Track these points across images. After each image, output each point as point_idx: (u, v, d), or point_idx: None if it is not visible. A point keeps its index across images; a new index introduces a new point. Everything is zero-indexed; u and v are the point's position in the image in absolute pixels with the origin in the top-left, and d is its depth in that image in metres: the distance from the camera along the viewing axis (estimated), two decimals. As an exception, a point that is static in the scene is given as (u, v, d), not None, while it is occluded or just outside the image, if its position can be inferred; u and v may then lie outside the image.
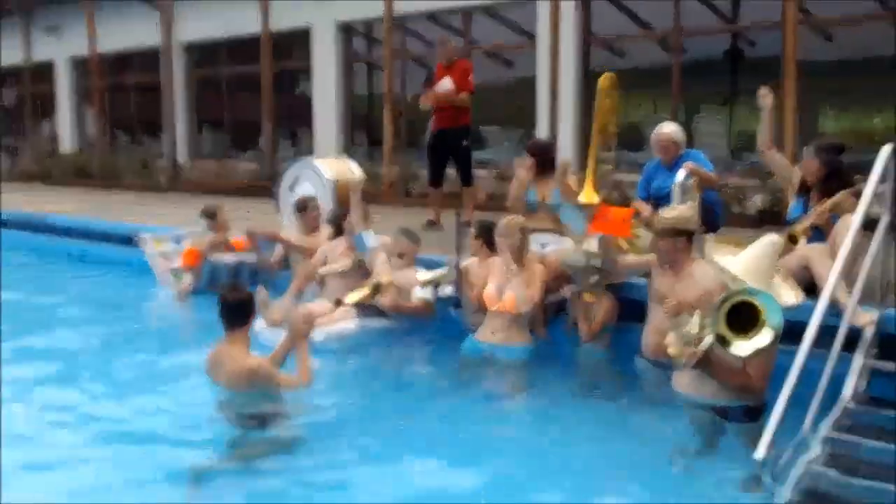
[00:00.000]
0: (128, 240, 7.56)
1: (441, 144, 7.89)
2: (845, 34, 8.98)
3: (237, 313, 4.14)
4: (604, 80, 4.59)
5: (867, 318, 4.01)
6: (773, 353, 3.66)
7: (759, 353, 3.53)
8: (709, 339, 3.66)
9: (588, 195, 4.32)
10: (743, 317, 3.54)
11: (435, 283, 5.38)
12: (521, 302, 4.93)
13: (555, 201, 5.64)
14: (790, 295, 4.12)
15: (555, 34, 8.92)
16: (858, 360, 3.93)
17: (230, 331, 4.14)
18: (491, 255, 5.29)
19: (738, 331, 3.53)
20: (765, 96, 4.98)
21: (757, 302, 3.52)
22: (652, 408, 4.27)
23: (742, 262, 4.10)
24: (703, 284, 4.24)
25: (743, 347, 3.50)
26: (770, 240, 4.15)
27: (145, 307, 6.86)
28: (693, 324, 3.84)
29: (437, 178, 8.08)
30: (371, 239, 5.90)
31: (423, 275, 5.43)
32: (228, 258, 6.84)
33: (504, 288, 5.03)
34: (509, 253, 5.04)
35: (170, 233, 7.38)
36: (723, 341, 3.54)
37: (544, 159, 5.78)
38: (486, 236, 5.31)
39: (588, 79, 10.51)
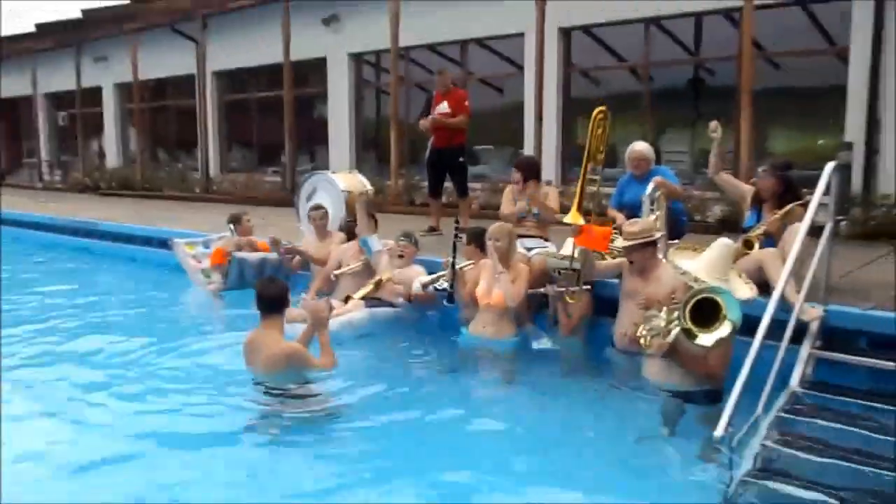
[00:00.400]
0: (165, 243, 7.56)
1: (438, 161, 7.88)
2: (794, 65, 9.01)
3: (274, 302, 4.13)
4: (598, 112, 4.55)
5: (814, 314, 4.02)
6: (732, 343, 3.66)
7: (720, 343, 3.52)
8: (675, 332, 3.66)
9: (574, 216, 4.28)
10: (705, 312, 3.53)
11: (433, 282, 5.38)
12: (508, 298, 4.93)
13: (535, 213, 5.69)
14: (745, 290, 4.12)
15: (540, 65, 8.92)
16: (805, 350, 3.94)
17: (267, 318, 4.12)
18: (482, 258, 5.29)
19: (701, 324, 3.53)
20: (714, 129, 4.99)
21: (718, 299, 3.51)
22: (624, 393, 4.25)
23: (702, 262, 4.09)
24: (668, 284, 4.27)
25: (706, 339, 3.50)
26: (724, 242, 4.15)
27: (181, 300, 6.82)
28: (661, 318, 3.83)
29: (435, 190, 8.09)
30: (375, 243, 5.93)
31: (424, 278, 5.44)
32: (254, 257, 6.83)
33: (493, 286, 5.03)
34: (498, 255, 5.05)
35: (199, 238, 7.35)
36: (689, 334, 3.53)
37: (529, 173, 5.81)
38: (477, 241, 5.32)
39: (569, 104, 10.56)
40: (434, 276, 5.42)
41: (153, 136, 17.62)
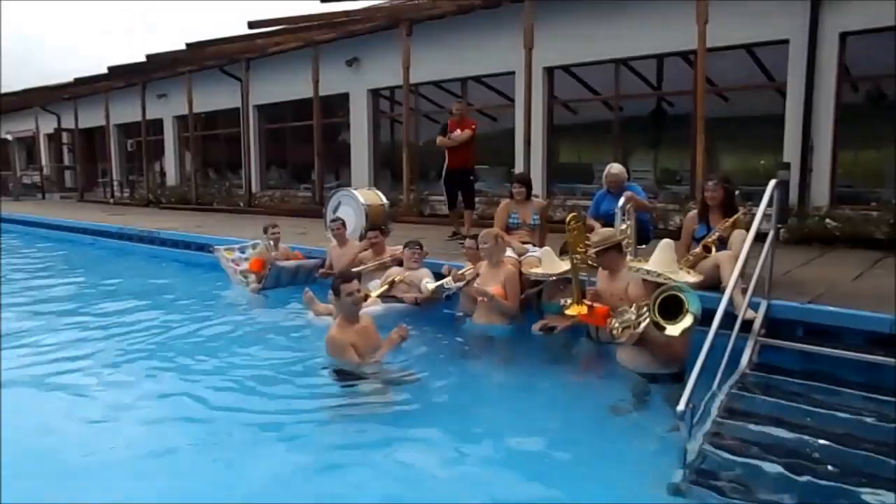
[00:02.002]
0: (209, 250, 7.57)
1: (452, 179, 7.90)
2: (740, 97, 8.97)
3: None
4: (570, 219, 4.51)
5: (752, 314, 4.01)
6: (692, 331, 3.64)
7: (683, 332, 3.49)
8: (645, 324, 3.63)
9: (575, 308, 4.25)
10: (670, 307, 3.50)
11: (441, 287, 5.32)
12: (510, 295, 4.89)
13: (534, 221, 5.69)
14: (690, 277, 4.10)
15: (528, 98, 8.89)
16: (751, 340, 3.92)
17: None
18: (480, 260, 5.28)
19: (666, 317, 3.49)
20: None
21: (681, 296, 3.48)
22: (598, 375, 4.25)
23: (653, 261, 4.08)
24: (630, 282, 4.23)
25: (673, 330, 3.46)
26: (667, 242, 4.13)
27: (224, 297, 6.82)
28: (631, 312, 3.81)
29: (452, 204, 8.07)
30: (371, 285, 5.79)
31: (431, 283, 5.39)
32: (290, 264, 6.84)
33: (487, 282, 5.01)
34: (484, 255, 5.05)
35: (237, 245, 7.35)
36: (658, 326, 3.50)
37: (528, 187, 5.88)
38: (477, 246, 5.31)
39: (552, 130, 10.53)
40: (439, 283, 5.36)
41: (205, 159, 17.63)
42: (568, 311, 4.26)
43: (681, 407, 2.75)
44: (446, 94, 11.76)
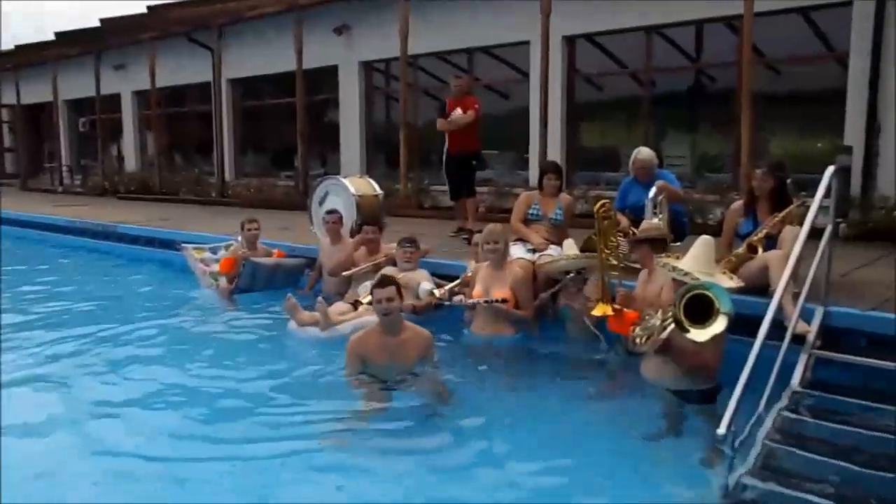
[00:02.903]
0: (177, 247, 7.61)
1: (454, 165, 7.84)
2: (793, 70, 8.94)
3: None
4: (599, 207, 4.52)
5: (805, 327, 3.97)
6: (724, 337, 3.61)
7: (715, 338, 3.46)
8: (670, 328, 3.60)
9: (601, 308, 4.28)
10: (698, 307, 3.46)
11: (441, 294, 5.29)
12: (521, 301, 4.89)
13: (556, 217, 5.68)
14: (729, 282, 4.08)
15: (545, 71, 8.88)
16: (804, 354, 3.90)
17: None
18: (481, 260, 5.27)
19: (694, 321, 3.45)
20: None
21: (709, 294, 3.44)
22: (621, 393, 4.23)
23: (688, 260, 4.06)
24: (659, 282, 4.23)
25: (701, 334, 3.43)
26: (705, 239, 4.12)
27: (191, 302, 6.82)
28: (656, 318, 3.79)
29: (456, 195, 8.01)
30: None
31: (433, 288, 5.36)
32: (267, 261, 6.86)
33: (491, 287, 4.99)
34: (496, 257, 5.00)
35: (207, 245, 7.38)
36: (680, 326, 3.46)
37: (562, 180, 5.89)
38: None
39: (573, 109, 10.52)
40: (430, 288, 5.34)
41: (170, 141, 17.67)
42: (594, 312, 4.27)
43: (721, 431, 2.74)
44: (450, 67, 11.76)
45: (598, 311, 4.24)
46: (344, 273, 6.04)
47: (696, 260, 3.98)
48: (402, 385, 4.06)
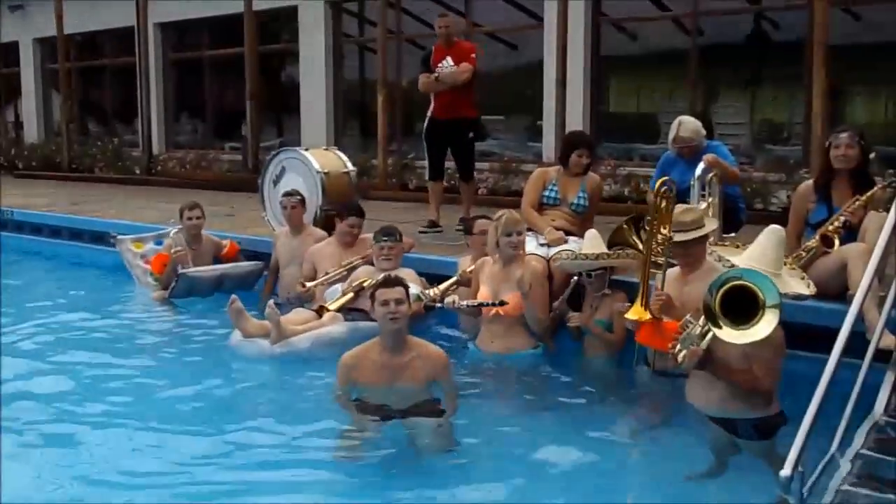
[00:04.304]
0: (102, 238, 7.57)
1: (439, 134, 7.59)
2: (877, 14, 8.96)
3: None
4: (660, 184, 4.51)
5: (892, 341, 3.95)
6: (780, 348, 3.61)
7: (767, 342, 3.45)
8: (710, 336, 3.60)
9: (637, 311, 4.27)
10: (739, 305, 3.44)
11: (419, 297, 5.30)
12: (531, 305, 4.90)
13: (579, 202, 5.71)
14: (801, 285, 4.10)
15: (563, 15, 8.89)
16: (891, 373, 3.92)
17: None
18: (484, 254, 5.27)
19: (737, 322, 3.44)
20: None
21: (751, 284, 3.41)
22: (663, 422, 4.26)
23: (746, 256, 4.06)
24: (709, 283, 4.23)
25: (745, 335, 3.41)
26: (774, 229, 4.11)
27: (124, 309, 6.78)
28: (697, 325, 3.80)
29: (436, 173, 7.78)
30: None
31: (415, 288, 5.36)
32: (208, 273, 6.70)
33: (500, 290, 4.98)
34: (516, 251, 5.00)
35: (151, 233, 7.30)
36: (711, 318, 3.43)
37: (593, 157, 5.99)
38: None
39: (599, 64, 10.53)
40: (417, 292, 5.34)
41: (83, 103, 17.62)
42: (628, 315, 4.29)
43: (786, 472, 2.75)
44: (442, 9, 11.75)
45: (632, 315, 4.25)
46: (309, 284, 5.96)
47: (762, 256, 3.99)
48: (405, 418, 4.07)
